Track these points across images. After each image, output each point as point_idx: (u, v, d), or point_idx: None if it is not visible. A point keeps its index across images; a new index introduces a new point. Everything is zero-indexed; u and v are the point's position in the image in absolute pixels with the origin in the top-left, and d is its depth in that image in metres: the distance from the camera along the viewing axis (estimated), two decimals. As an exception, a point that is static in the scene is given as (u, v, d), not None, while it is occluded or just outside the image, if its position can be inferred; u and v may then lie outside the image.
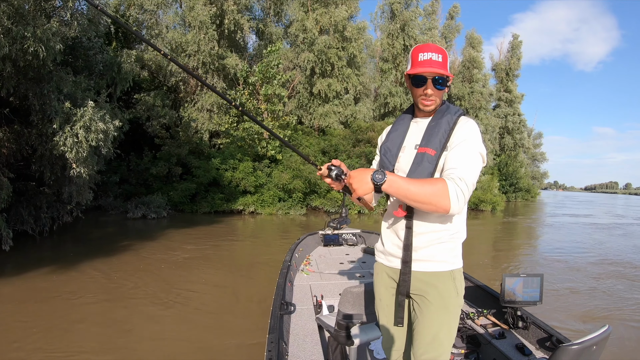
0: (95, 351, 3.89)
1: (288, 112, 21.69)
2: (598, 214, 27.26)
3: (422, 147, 1.52)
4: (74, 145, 7.59)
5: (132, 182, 16.30)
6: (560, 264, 8.83)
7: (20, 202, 9.37)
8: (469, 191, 1.36)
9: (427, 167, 1.49)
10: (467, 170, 1.39)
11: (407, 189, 1.32)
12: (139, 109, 16.95)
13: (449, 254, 1.54)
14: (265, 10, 24.22)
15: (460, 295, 1.56)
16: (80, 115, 7.57)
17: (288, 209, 16.36)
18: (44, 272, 6.65)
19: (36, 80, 7.88)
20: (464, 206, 1.43)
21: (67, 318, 4.72)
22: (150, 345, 4.07)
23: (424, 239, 1.52)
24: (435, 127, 1.54)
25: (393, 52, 25.79)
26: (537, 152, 47.01)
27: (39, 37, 6.88)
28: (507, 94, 35.07)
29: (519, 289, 2.68)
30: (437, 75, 1.50)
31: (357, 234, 5.74)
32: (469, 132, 1.49)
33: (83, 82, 8.73)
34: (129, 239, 9.99)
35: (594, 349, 1.47)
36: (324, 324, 2.56)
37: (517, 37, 35.80)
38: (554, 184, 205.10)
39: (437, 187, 1.32)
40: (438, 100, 1.56)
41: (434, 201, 1.32)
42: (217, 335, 4.30)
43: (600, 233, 15.47)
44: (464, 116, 1.57)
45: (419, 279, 1.54)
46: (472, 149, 1.45)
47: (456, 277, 1.55)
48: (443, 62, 1.50)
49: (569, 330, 4.71)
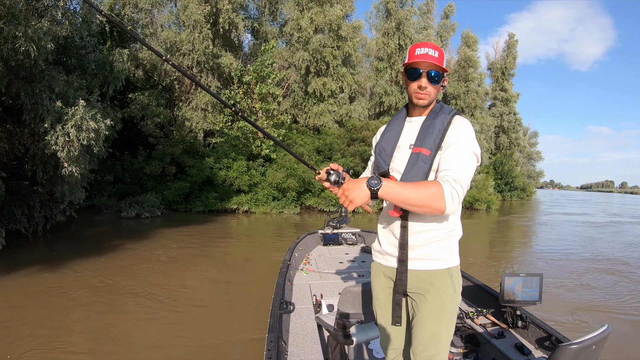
0: (88, 351, 3.88)
1: (283, 111, 21.73)
2: (594, 212, 27.43)
3: (417, 147, 1.54)
4: (65, 144, 7.61)
5: (126, 182, 16.30)
6: (558, 263, 8.88)
7: (14, 201, 9.39)
8: (463, 192, 1.38)
9: (421, 167, 1.50)
10: (461, 171, 1.40)
11: (403, 193, 1.32)
12: (133, 108, 16.98)
13: (446, 251, 1.55)
14: (261, 9, 24.24)
15: (458, 292, 1.58)
16: (72, 115, 7.59)
17: (282, 208, 16.39)
18: (35, 270, 6.67)
19: (28, 80, 7.89)
20: (459, 206, 1.44)
21: (57, 316, 4.75)
22: (148, 345, 4.06)
23: (420, 237, 1.54)
24: (429, 127, 1.55)
25: (388, 51, 25.81)
26: (533, 151, 47.21)
27: (30, 36, 6.89)
28: (503, 93, 35.21)
29: (518, 288, 2.70)
30: (433, 70, 1.52)
31: (356, 233, 5.76)
32: (463, 132, 1.50)
33: (75, 81, 8.75)
34: (121, 238, 10.01)
35: (593, 349, 1.48)
36: (323, 323, 2.57)
37: (513, 37, 35.97)
38: (550, 183, 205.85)
39: (432, 190, 1.33)
40: (432, 95, 1.57)
41: (429, 204, 1.33)
42: (215, 335, 4.29)
43: (597, 231, 15.56)
44: (458, 116, 1.57)
45: (416, 278, 1.55)
46: (466, 149, 1.46)
47: (453, 274, 1.56)
48: (439, 58, 1.52)
49: (568, 329, 4.71)
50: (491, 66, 36.44)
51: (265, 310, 4.36)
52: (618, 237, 14.07)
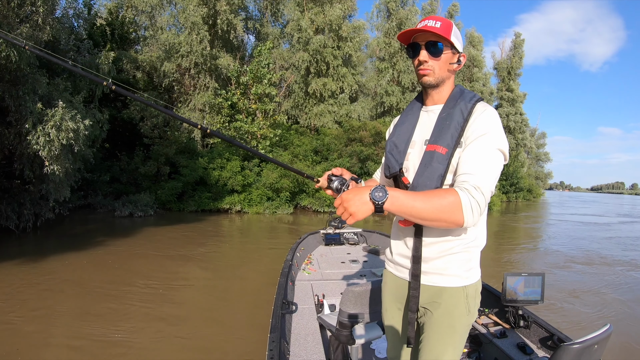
0: (82, 351, 3.85)
1: (283, 112, 21.91)
2: (601, 212, 26.91)
3: (432, 144, 1.32)
4: (46, 144, 7.93)
5: (122, 181, 16.67)
6: (561, 263, 8.87)
7: (5, 198, 9.79)
8: (486, 201, 1.18)
9: (436, 168, 1.29)
10: (484, 175, 1.19)
11: (412, 206, 1.11)
12: (132, 109, 17.38)
13: (463, 266, 1.35)
14: (262, 11, 24.49)
15: (473, 313, 1.38)
16: (51, 115, 7.91)
17: (275, 209, 16.53)
18: (21, 265, 6.89)
19: (13, 83, 8.24)
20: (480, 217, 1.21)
21: (40, 312, 4.80)
22: (146, 345, 4.01)
23: (434, 249, 1.35)
24: (446, 118, 1.33)
25: (390, 51, 25.81)
26: (541, 152, 46.42)
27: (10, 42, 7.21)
28: (509, 93, 34.76)
29: (520, 288, 2.68)
30: (432, 40, 1.31)
31: (358, 233, 5.76)
32: (488, 123, 1.26)
33: (61, 83, 9.09)
34: (110, 236, 10.21)
35: (595, 348, 1.46)
36: (325, 323, 2.54)
37: (519, 36, 35.52)
38: (560, 184, 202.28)
39: (447, 202, 1.12)
40: (438, 71, 1.35)
41: (443, 217, 1.12)
42: (215, 335, 4.28)
43: (601, 231, 15.35)
44: (480, 102, 1.33)
45: (427, 292, 1.38)
46: (491, 146, 1.23)
47: (469, 294, 1.36)
48: (442, 28, 1.29)
49: (570, 329, 4.71)
50: (497, 66, 36.04)
51: (263, 310, 4.46)
52: (621, 237, 13.90)
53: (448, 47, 1.32)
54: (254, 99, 18.47)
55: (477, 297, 1.40)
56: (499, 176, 1.25)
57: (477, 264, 1.39)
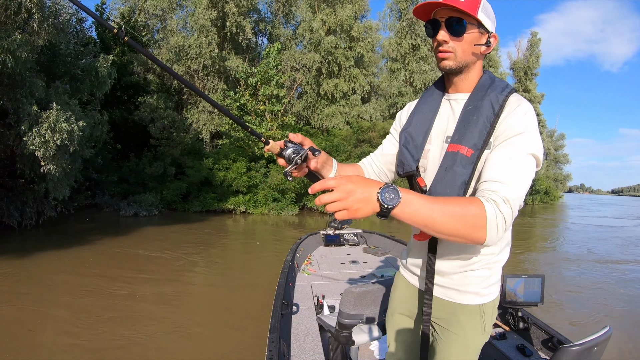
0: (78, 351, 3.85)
1: (295, 113, 21.92)
2: (619, 215, 25.90)
3: (455, 143, 1.11)
4: (41, 145, 8.17)
5: (130, 182, 17.03)
6: (560, 264, 8.80)
7: (9, 197, 10.18)
8: (513, 217, 0.97)
9: (460, 174, 1.08)
10: (516, 186, 0.98)
11: (429, 216, 0.89)
12: (142, 111, 17.76)
13: (481, 283, 1.20)
14: (275, 12, 24.58)
15: (488, 332, 1.25)
16: (46, 117, 8.14)
17: (280, 209, 16.52)
18: (20, 261, 7.11)
19: (11, 87, 8.54)
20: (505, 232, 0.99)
21: (35, 308, 4.90)
22: (146, 343, 4.03)
23: (451, 264, 1.20)
24: (473, 111, 1.11)
25: (401, 51, 25.47)
26: (560, 154, 44.95)
27: (6, 48, 7.49)
28: (526, 94, 33.70)
29: (520, 289, 2.64)
30: (454, 16, 1.08)
31: (358, 234, 5.76)
32: (524, 121, 1.04)
33: (60, 86, 9.36)
34: (112, 235, 10.38)
35: (594, 350, 1.43)
36: (325, 324, 2.54)
37: (536, 35, 34.35)
38: (580, 187, 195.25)
39: (470, 214, 0.91)
40: (460, 54, 1.11)
41: (463, 233, 0.91)
42: (215, 335, 4.30)
43: (605, 233, 14.96)
44: (514, 95, 1.10)
45: (441, 306, 1.25)
46: (525, 149, 1.01)
47: (486, 312, 1.22)
48: (466, 2, 1.06)
49: (570, 331, 4.69)
50: (513, 66, 35.02)
51: (263, 310, 4.45)
52: (625, 238, 13.53)
53: (474, 25, 1.09)
54: (262, 100, 18.56)
55: (494, 313, 1.26)
56: (529, 186, 1.03)
57: (497, 280, 1.24)
